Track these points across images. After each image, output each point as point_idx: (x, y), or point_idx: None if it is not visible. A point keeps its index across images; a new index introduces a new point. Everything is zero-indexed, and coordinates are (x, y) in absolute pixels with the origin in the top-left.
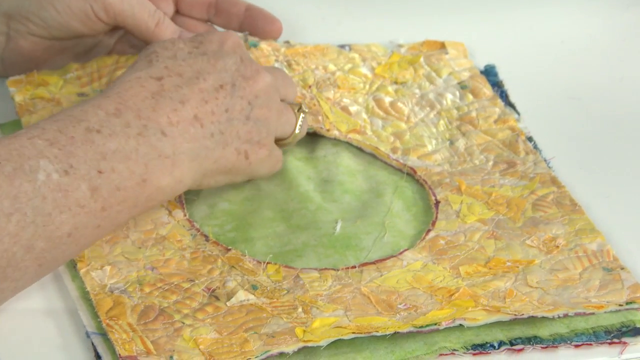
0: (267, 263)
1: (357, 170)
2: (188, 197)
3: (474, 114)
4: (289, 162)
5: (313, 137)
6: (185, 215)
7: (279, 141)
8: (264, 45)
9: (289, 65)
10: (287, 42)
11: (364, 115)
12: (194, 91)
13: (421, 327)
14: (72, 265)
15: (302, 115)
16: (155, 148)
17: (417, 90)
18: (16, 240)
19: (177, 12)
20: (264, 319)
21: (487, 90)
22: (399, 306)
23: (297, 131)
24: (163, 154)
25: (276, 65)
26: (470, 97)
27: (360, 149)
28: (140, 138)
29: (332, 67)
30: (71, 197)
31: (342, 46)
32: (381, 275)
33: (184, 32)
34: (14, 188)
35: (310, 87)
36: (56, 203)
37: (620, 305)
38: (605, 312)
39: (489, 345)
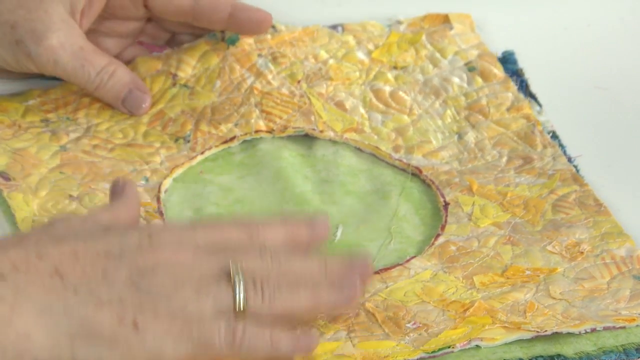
0: None
1: (359, 169)
2: (170, 200)
3: (484, 101)
4: (284, 160)
5: (308, 136)
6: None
7: None
8: (244, 40)
9: (275, 59)
10: (273, 26)
11: (362, 110)
12: (62, 250)
13: (433, 352)
14: None
15: (236, 279)
16: None
17: (419, 76)
18: None
19: (151, 18)
20: None
21: (498, 71)
22: (408, 325)
23: (239, 302)
24: None
25: (260, 61)
26: (480, 80)
27: (359, 149)
28: None
29: (323, 54)
30: None
31: (334, 27)
32: (387, 287)
33: (138, 83)
34: None
35: (299, 82)
36: None
37: None
38: (637, 326)
39: None
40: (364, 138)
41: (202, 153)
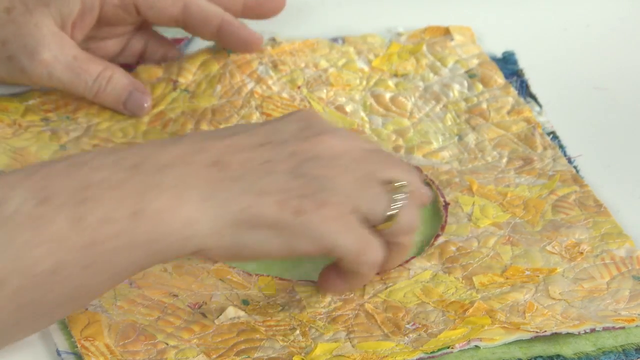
0: (259, 275)
1: None
2: None
3: (484, 105)
4: None
5: None
6: None
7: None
8: None
9: (275, 66)
10: (273, 39)
11: (362, 114)
12: (222, 143)
13: (432, 352)
14: None
15: (400, 194)
16: (153, 178)
17: (420, 83)
18: None
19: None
20: (258, 341)
21: (499, 78)
22: (407, 326)
23: (391, 212)
24: (162, 185)
25: (260, 68)
26: (480, 86)
27: None
28: (134, 169)
29: (324, 63)
30: (49, 227)
31: (335, 39)
32: (386, 288)
33: (136, 84)
34: None
35: (299, 87)
36: (31, 233)
37: None
38: (636, 326)
39: None
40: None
41: None
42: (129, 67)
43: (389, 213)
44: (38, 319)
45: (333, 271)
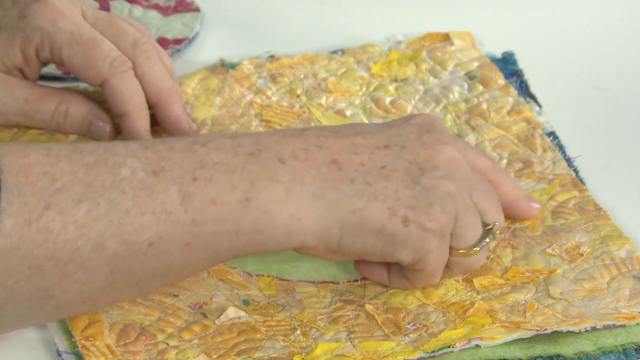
0: (259, 275)
1: None
2: None
3: (484, 105)
4: None
5: None
6: None
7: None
8: (245, 63)
9: (274, 79)
10: (272, 56)
11: (362, 117)
12: (342, 142)
13: (433, 351)
14: None
15: (489, 235)
16: (267, 169)
17: (420, 86)
18: (83, 232)
19: None
20: (258, 341)
21: (499, 79)
22: (408, 326)
23: (476, 247)
24: (275, 177)
25: (259, 82)
26: (480, 87)
27: None
28: (250, 157)
29: (323, 73)
30: (157, 198)
31: (334, 52)
32: (387, 291)
33: (95, 113)
34: (90, 176)
35: (298, 96)
36: (137, 201)
37: None
38: (636, 324)
39: None
40: None
41: None
42: None
43: (474, 248)
44: (128, 288)
45: (383, 266)
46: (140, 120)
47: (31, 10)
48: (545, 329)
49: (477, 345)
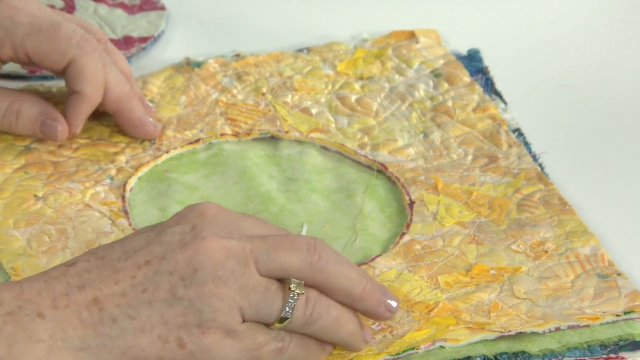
0: None
1: (325, 168)
2: (135, 199)
3: (449, 103)
4: (249, 160)
5: (274, 138)
6: (130, 224)
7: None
8: (210, 62)
9: (239, 77)
10: (237, 54)
11: (327, 115)
12: (104, 273)
13: (398, 354)
14: (6, 279)
15: (293, 294)
16: (25, 329)
17: (385, 84)
18: None
19: None
20: None
21: (464, 76)
22: (372, 327)
23: (286, 315)
24: (35, 337)
25: (225, 80)
26: (445, 85)
27: (325, 148)
28: (9, 317)
29: (288, 71)
30: None
31: (300, 50)
32: None
33: (47, 112)
34: None
35: (264, 94)
36: None
37: (617, 315)
38: (601, 324)
39: None
40: (330, 137)
41: (167, 152)
42: None
43: (282, 316)
44: None
45: None
46: (88, 104)
47: None
48: (510, 331)
49: (441, 346)
